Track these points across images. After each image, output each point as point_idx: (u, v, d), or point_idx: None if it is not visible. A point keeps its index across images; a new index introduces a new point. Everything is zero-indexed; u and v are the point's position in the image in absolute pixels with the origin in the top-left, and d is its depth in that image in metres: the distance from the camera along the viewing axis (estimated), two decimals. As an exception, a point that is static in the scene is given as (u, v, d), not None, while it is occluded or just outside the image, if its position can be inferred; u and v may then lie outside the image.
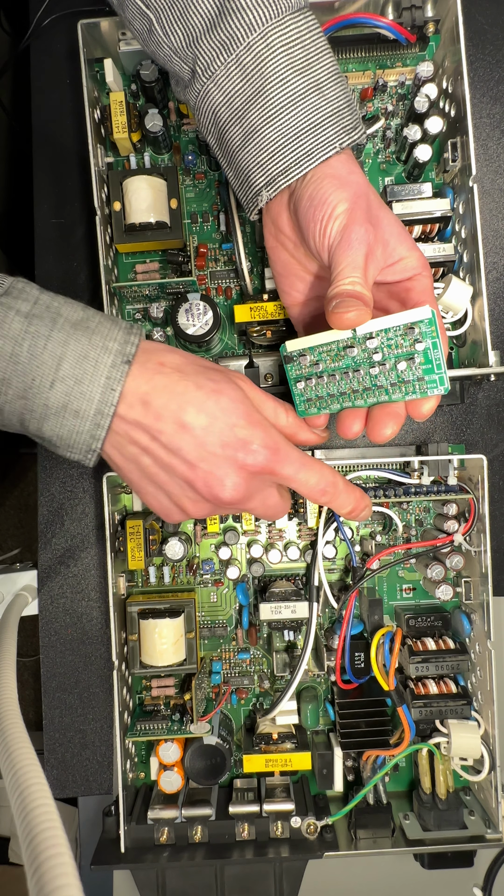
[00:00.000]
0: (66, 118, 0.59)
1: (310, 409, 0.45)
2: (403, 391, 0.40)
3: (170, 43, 0.42)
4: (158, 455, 0.39)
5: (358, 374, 0.41)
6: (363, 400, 0.42)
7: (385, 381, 0.41)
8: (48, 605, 0.59)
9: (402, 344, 0.39)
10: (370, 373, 0.41)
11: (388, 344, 0.39)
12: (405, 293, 0.42)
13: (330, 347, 0.42)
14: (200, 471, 0.39)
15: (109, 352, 0.38)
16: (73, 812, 0.69)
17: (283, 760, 0.52)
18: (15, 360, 0.37)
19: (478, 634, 0.52)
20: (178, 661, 0.53)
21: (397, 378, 0.40)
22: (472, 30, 0.58)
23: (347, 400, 0.43)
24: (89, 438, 0.38)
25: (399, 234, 0.41)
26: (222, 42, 0.40)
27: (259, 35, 0.40)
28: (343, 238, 0.38)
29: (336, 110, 0.41)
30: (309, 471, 0.42)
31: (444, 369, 0.39)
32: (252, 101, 0.41)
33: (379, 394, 0.41)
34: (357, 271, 0.38)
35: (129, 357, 0.38)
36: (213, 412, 0.38)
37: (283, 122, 0.40)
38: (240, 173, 0.44)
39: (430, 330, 0.38)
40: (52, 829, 0.23)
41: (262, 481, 0.41)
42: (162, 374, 0.39)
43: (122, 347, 0.38)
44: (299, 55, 0.40)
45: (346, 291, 0.38)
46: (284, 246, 0.44)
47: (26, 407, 0.37)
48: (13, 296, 0.38)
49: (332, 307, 0.38)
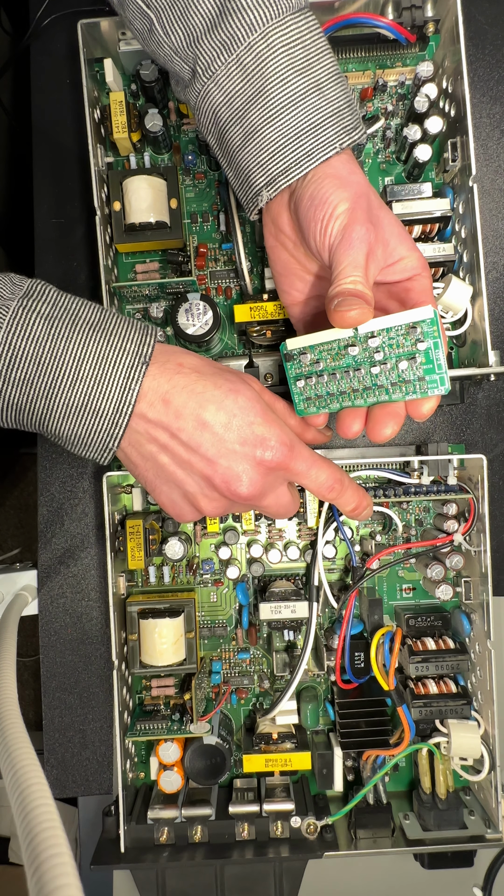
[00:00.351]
0: (66, 118, 0.59)
1: (309, 407, 0.45)
2: (404, 391, 0.41)
3: (170, 43, 0.42)
4: (177, 452, 0.40)
5: (359, 372, 0.41)
6: (363, 399, 0.42)
7: (385, 381, 0.41)
8: (48, 605, 0.59)
9: (404, 343, 0.39)
10: (371, 372, 0.41)
11: (390, 343, 0.40)
12: (404, 293, 0.43)
13: (331, 346, 0.42)
14: (220, 467, 0.39)
15: (127, 353, 0.39)
16: (73, 812, 0.69)
17: (283, 760, 0.52)
18: (38, 362, 0.38)
19: (478, 634, 0.52)
20: (178, 661, 0.53)
21: (398, 377, 0.40)
22: (472, 30, 0.58)
23: (347, 399, 0.43)
24: (107, 437, 0.40)
25: (399, 234, 0.41)
26: (223, 42, 0.40)
27: (260, 35, 0.40)
28: (344, 237, 0.39)
29: (336, 110, 0.41)
30: (320, 468, 0.43)
31: (444, 369, 0.39)
32: (252, 101, 0.41)
33: (379, 393, 0.41)
34: (358, 270, 0.38)
35: (147, 358, 0.39)
36: (232, 410, 0.39)
37: (283, 122, 0.41)
38: (240, 173, 0.44)
39: (431, 330, 0.38)
40: (52, 829, 0.23)
41: (277, 478, 0.42)
42: (181, 374, 0.40)
43: (139, 348, 0.39)
44: (300, 55, 0.40)
45: (347, 290, 0.38)
46: (284, 245, 0.44)
47: (48, 407, 0.39)
48: (33, 297, 0.39)
49: (333, 305, 0.38)
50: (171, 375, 0.39)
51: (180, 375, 0.40)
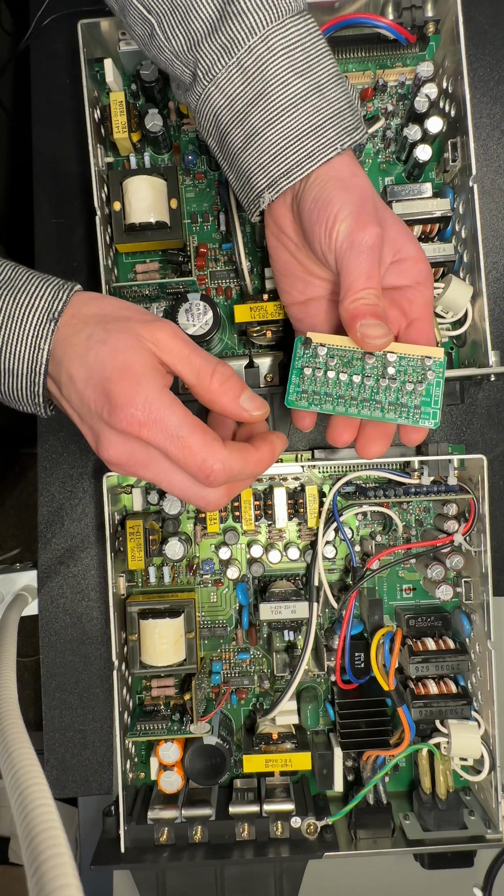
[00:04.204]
0: (66, 118, 0.59)
1: (300, 401, 0.45)
2: (397, 413, 0.43)
3: (171, 47, 0.43)
4: (64, 407, 0.40)
5: (367, 381, 0.43)
6: (357, 409, 0.43)
7: (384, 399, 0.43)
8: (48, 605, 0.59)
9: (413, 372, 0.43)
10: (377, 388, 0.43)
11: (401, 369, 0.43)
12: (407, 304, 0.43)
13: (345, 353, 0.43)
14: (85, 425, 0.39)
15: (35, 310, 0.38)
16: (73, 812, 0.68)
17: (283, 760, 0.52)
18: None
19: (478, 634, 0.52)
20: (178, 661, 0.53)
21: (396, 399, 0.43)
22: (472, 30, 0.58)
23: (342, 405, 0.43)
24: (31, 395, 0.40)
25: (405, 233, 0.42)
26: (223, 45, 0.40)
27: (260, 38, 0.40)
28: (353, 244, 0.39)
29: (337, 111, 0.41)
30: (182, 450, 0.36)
31: (439, 406, 0.43)
32: (253, 104, 0.41)
33: (374, 409, 0.43)
34: (372, 281, 0.39)
35: (56, 314, 0.38)
36: (91, 364, 0.37)
37: (284, 124, 0.41)
38: (241, 175, 0.44)
39: (438, 370, 0.42)
40: (52, 829, 0.23)
41: (147, 448, 0.38)
42: (70, 326, 0.38)
43: (49, 305, 0.38)
44: (300, 58, 0.41)
45: (367, 309, 0.39)
46: (286, 247, 0.44)
47: None
48: None
49: (359, 332, 0.39)
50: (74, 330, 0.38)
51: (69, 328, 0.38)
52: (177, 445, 0.36)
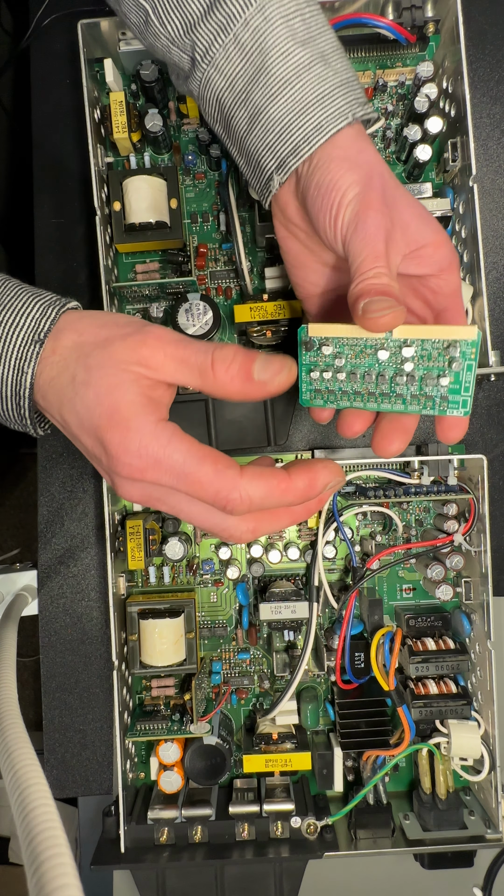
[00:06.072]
0: (66, 118, 0.59)
1: (315, 399, 0.42)
2: (421, 405, 0.38)
3: (167, 33, 0.41)
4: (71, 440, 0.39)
5: (383, 377, 0.38)
6: (376, 403, 0.39)
7: (406, 392, 0.38)
8: (48, 605, 0.59)
9: (437, 358, 0.37)
10: (395, 380, 0.38)
11: (422, 355, 0.37)
12: (431, 295, 0.39)
13: (356, 343, 0.38)
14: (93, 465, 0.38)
15: (21, 329, 0.36)
16: (73, 812, 0.68)
17: (283, 760, 0.52)
18: None
19: (478, 634, 0.52)
20: (178, 661, 0.53)
21: (419, 391, 0.38)
22: (472, 30, 0.58)
23: (359, 400, 0.40)
24: (18, 417, 0.39)
25: (421, 215, 0.37)
26: (219, 24, 0.38)
27: (256, 9, 0.37)
28: (358, 226, 0.35)
29: (345, 81, 0.37)
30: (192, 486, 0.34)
31: (470, 393, 0.37)
32: (254, 80, 0.38)
33: (395, 401, 0.38)
34: (379, 260, 0.34)
35: (42, 335, 0.36)
36: (80, 412, 0.35)
37: (288, 98, 0.37)
38: (250, 160, 0.41)
39: (470, 352, 0.36)
40: (52, 829, 0.23)
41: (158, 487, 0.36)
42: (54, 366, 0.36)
43: (35, 324, 0.36)
44: (300, 27, 0.37)
45: (373, 287, 0.34)
46: (296, 236, 0.41)
47: None
48: None
49: (361, 308, 0.34)
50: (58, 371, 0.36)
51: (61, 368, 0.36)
52: (185, 482, 0.34)
